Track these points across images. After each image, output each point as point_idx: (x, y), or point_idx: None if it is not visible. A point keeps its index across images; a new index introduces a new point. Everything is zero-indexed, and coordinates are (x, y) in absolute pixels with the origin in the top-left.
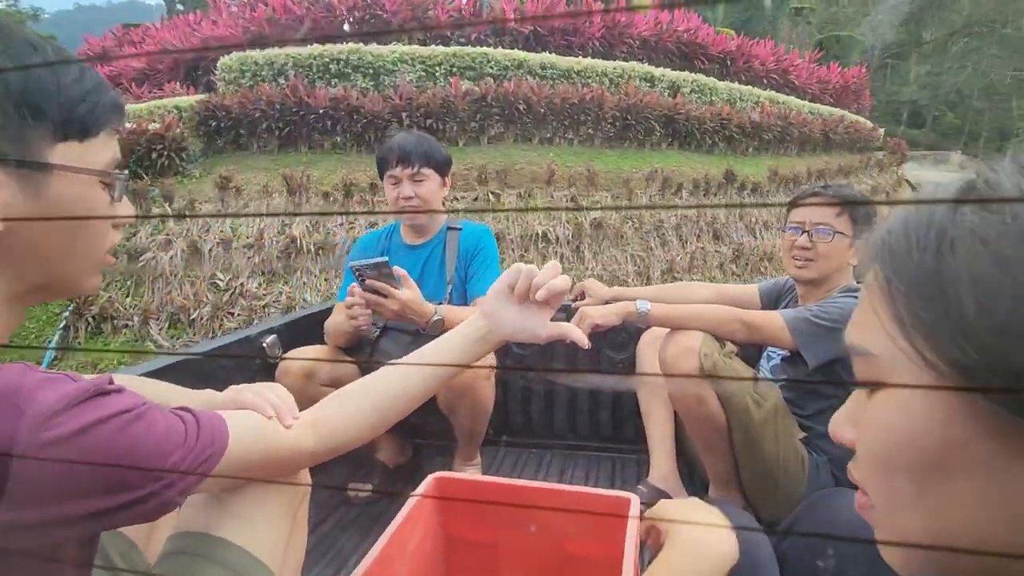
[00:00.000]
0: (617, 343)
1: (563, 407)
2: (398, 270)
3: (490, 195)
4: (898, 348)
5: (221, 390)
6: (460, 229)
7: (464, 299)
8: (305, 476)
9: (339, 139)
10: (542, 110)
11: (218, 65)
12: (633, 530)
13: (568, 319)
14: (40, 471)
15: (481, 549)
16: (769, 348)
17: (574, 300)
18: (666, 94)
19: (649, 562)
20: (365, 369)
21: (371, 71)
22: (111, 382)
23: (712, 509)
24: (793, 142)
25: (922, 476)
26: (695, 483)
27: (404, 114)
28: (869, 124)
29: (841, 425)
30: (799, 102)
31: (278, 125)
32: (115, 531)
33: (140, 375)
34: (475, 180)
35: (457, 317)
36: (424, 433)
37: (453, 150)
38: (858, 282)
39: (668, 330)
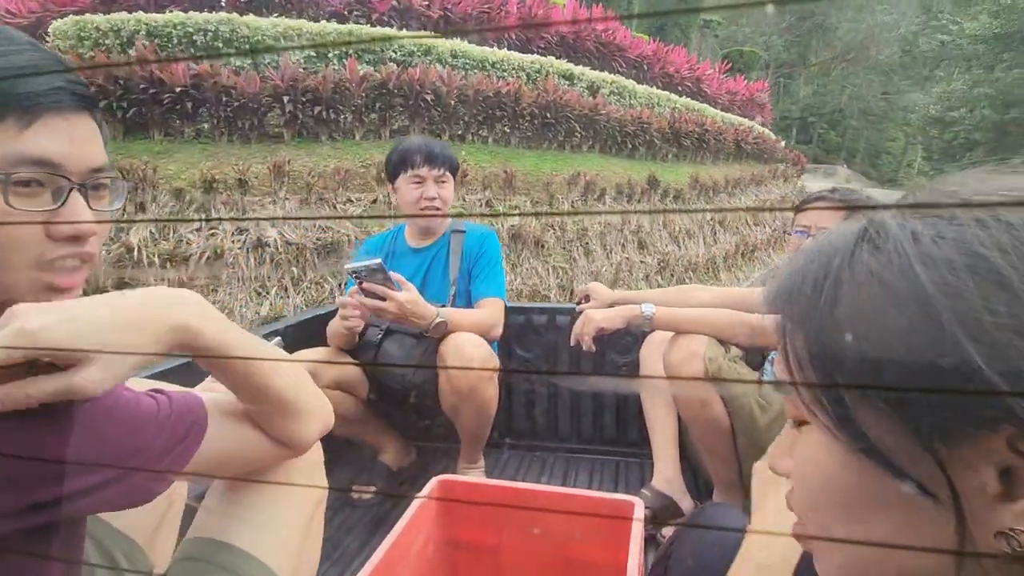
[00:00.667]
0: (621, 347)
1: (566, 410)
2: (395, 275)
3: (391, 196)
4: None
5: None
6: (464, 232)
7: (468, 301)
8: (321, 481)
9: (205, 125)
10: (452, 102)
11: (50, 31)
12: (637, 534)
13: (572, 322)
14: (4, 456)
15: (484, 553)
16: (773, 351)
17: (578, 303)
18: (586, 94)
19: (651, 566)
20: (369, 372)
21: (247, 47)
22: None
23: None
24: (709, 150)
25: (847, 509)
26: (699, 487)
27: (287, 98)
28: (773, 136)
29: (777, 457)
30: (713, 110)
31: (122, 106)
32: (118, 531)
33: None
34: (373, 180)
35: (459, 319)
36: (428, 436)
37: (349, 144)
38: None
39: (672, 334)
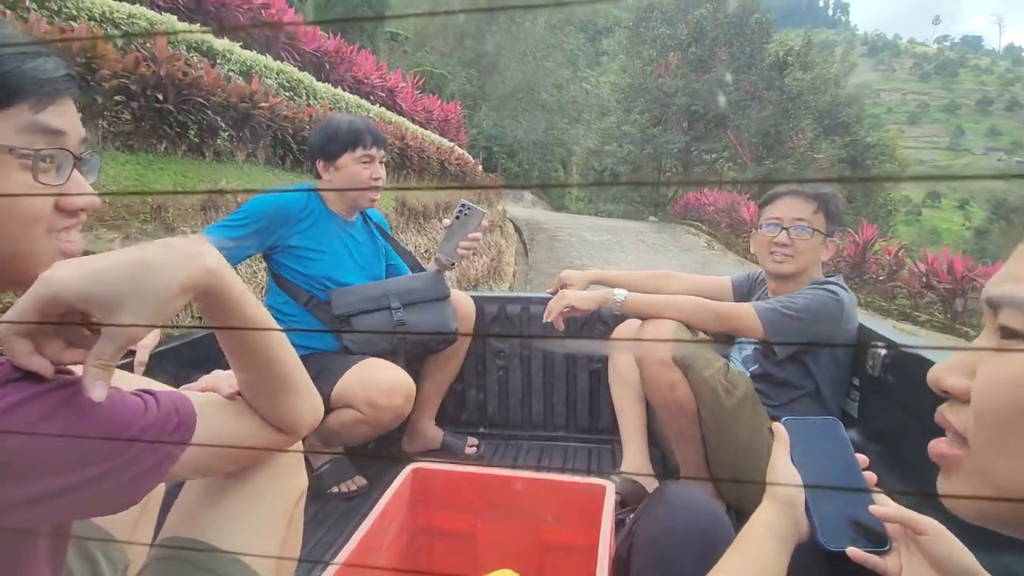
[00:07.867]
0: (594, 336)
1: (540, 398)
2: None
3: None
4: None
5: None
6: None
7: (397, 272)
8: (302, 475)
9: None
10: None
11: None
12: (608, 515)
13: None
14: None
15: (459, 539)
16: (740, 339)
17: (553, 293)
18: (237, 78)
19: (618, 544)
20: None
21: None
22: None
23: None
24: (413, 168)
25: None
26: (668, 471)
27: None
28: (472, 159)
29: (949, 373)
30: (413, 125)
31: None
32: (94, 525)
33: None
34: None
35: None
36: None
37: None
38: (826, 275)
39: (641, 323)
